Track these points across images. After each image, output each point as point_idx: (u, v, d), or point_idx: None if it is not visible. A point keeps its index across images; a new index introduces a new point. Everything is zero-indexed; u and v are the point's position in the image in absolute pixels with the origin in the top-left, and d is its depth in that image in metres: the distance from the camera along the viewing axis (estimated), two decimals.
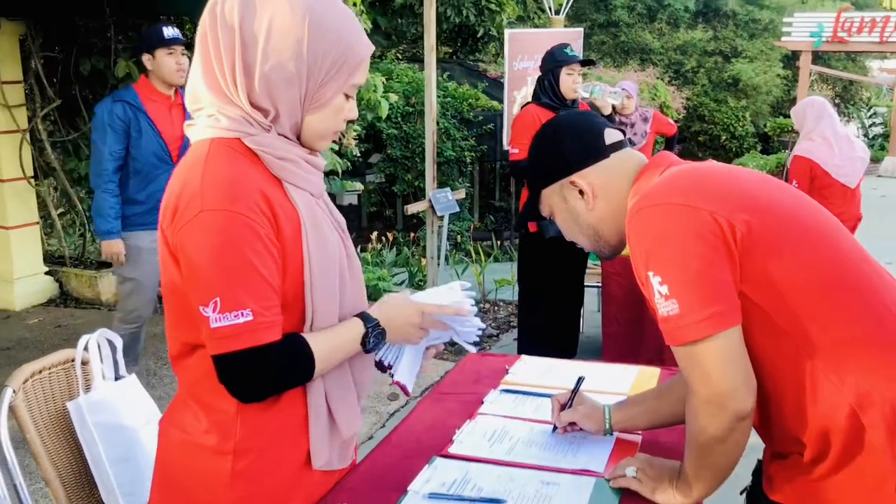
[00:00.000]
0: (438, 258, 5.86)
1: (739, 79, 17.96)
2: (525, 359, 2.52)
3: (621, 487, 1.65)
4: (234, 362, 1.37)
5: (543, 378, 2.35)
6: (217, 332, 1.35)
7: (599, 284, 5.46)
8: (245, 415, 1.46)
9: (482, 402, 2.15)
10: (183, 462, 1.50)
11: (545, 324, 4.69)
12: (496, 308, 6.51)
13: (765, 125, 17.27)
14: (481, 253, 7.32)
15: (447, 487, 1.69)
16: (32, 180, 6.18)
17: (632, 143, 5.76)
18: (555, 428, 1.93)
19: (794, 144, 5.22)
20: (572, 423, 1.92)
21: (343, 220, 1.63)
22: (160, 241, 1.45)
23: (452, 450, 1.87)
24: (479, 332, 1.71)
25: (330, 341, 1.48)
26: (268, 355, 1.38)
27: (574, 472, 1.74)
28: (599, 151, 1.60)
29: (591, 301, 5.90)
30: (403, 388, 1.73)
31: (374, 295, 5.15)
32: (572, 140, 1.63)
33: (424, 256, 5.81)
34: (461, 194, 6.42)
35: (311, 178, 1.53)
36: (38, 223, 6.39)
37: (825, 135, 4.78)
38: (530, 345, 4.75)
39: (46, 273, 6.47)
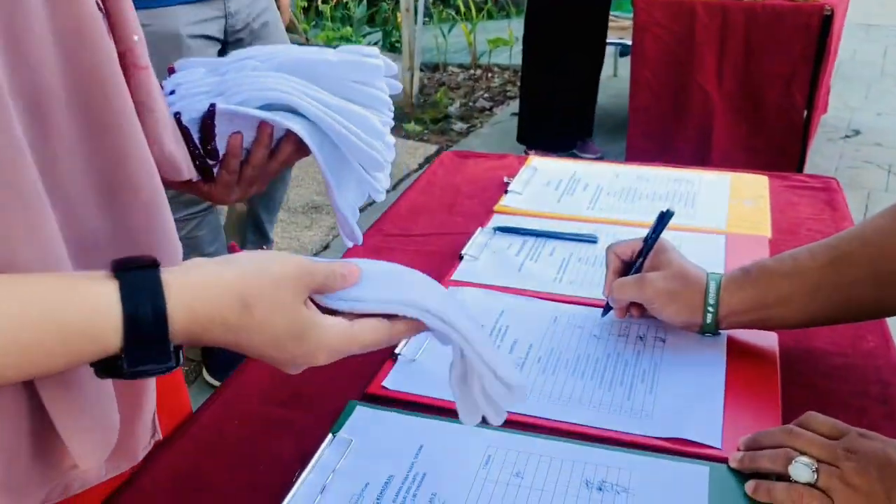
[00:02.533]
0: (416, 14, 4.64)
1: None
2: (536, 162, 1.49)
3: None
4: None
5: (572, 199, 1.34)
6: None
7: (622, 41, 4.31)
8: None
9: (459, 258, 1.15)
10: None
11: (554, 93, 3.62)
12: (490, 75, 5.46)
13: None
14: (472, 7, 6.03)
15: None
16: None
17: None
18: (606, 309, 0.98)
19: None
20: (637, 305, 0.95)
21: None
22: None
23: (389, 383, 0.89)
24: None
25: None
26: None
27: (644, 445, 0.77)
28: None
29: (607, 64, 4.76)
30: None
31: None
32: None
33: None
34: None
35: None
36: None
37: None
38: (533, 120, 3.73)
39: None
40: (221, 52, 2.06)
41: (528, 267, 1.12)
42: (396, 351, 0.91)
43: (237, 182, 0.83)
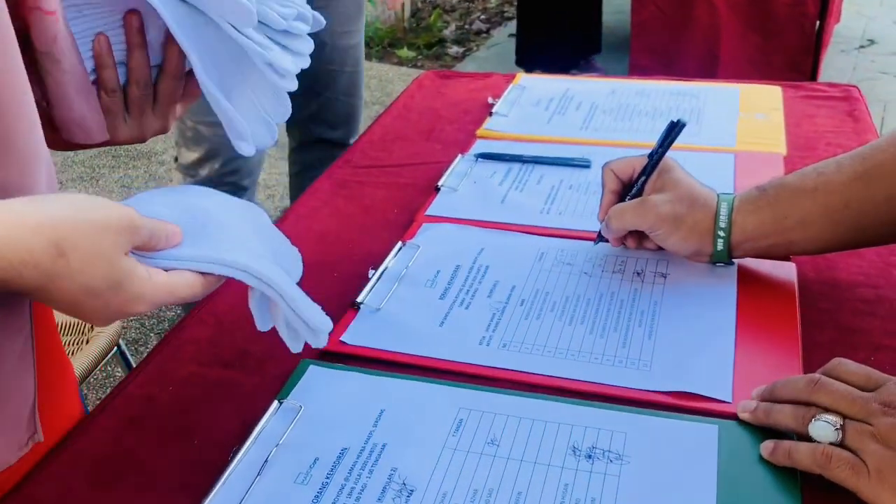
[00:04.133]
0: None
1: None
2: (525, 81, 1.35)
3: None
4: None
5: (563, 119, 1.20)
6: None
7: None
8: None
9: (436, 190, 1.02)
10: None
11: (553, 8, 3.43)
12: None
13: None
14: None
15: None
16: None
17: None
18: (599, 238, 0.87)
19: None
20: (637, 234, 0.83)
21: None
22: None
23: (348, 337, 0.77)
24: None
25: None
26: None
27: (642, 401, 0.66)
28: None
29: None
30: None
31: None
32: None
33: None
34: None
35: None
36: None
37: None
38: (533, 39, 3.55)
39: None
40: None
41: (513, 197, 0.99)
42: (358, 299, 0.79)
43: (126, 110, 0.69)
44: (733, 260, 0.81)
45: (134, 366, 1.15)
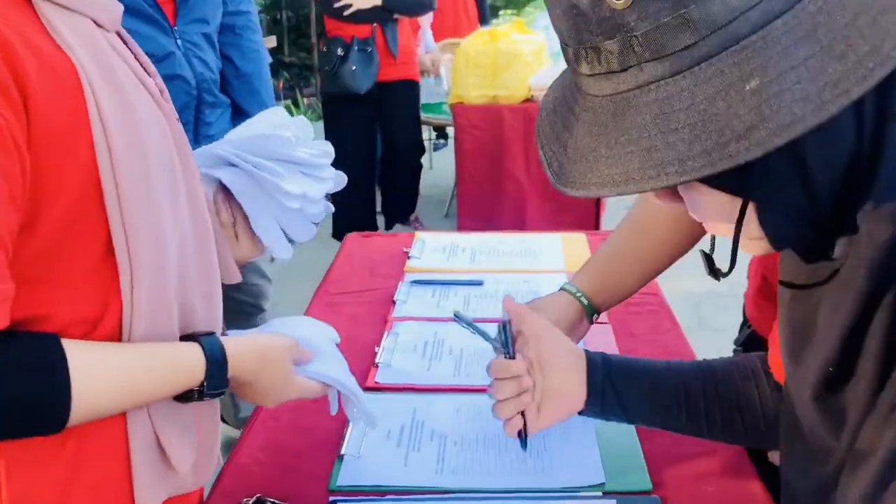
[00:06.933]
0: None
1: None
2: (423, 236, 2.00)
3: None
4: None
5: (456, 259, 1.85)
6: None
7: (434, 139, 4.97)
8: (17, 466, 0.75)
9: (393, 303, 1.62)
10: None
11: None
12: None
13: None
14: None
15: (397, 443, 1.18)
16: None
17: None
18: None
19: None
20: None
21: (166, 90, 0.89)
22: None
23: (381, 378, 1.35)
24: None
25: (113, 362, 0.77)
26: None
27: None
28: None
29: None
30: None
31: None
32: None
33: None
34: None
35: None
36: None
37: None
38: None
39: None
40: None
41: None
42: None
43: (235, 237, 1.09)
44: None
45: None
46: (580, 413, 1.00)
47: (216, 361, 0.84)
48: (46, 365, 0.71)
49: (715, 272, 0.75)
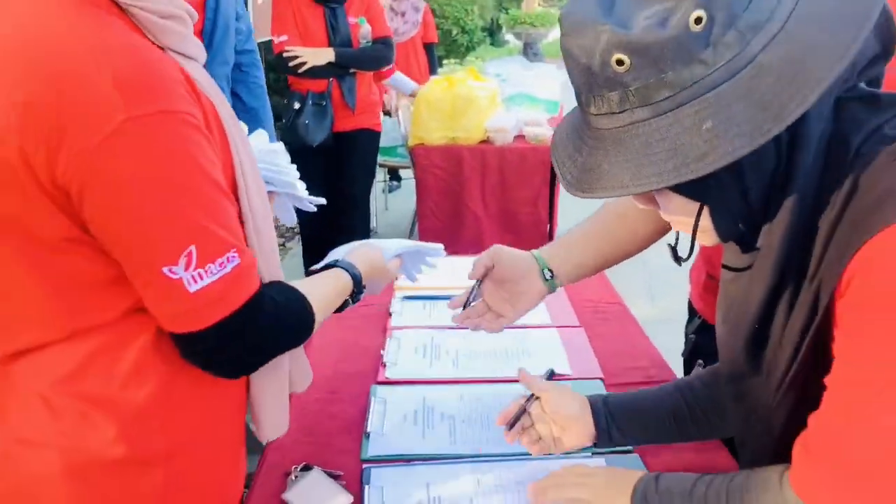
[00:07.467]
0: None
1: None
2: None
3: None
4: (224, 332, 0.95)
5: (440, 278, 2.07)
6: (201, 297, 0.92)
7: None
8: (168, 402, 1.00)
9: (389, 315, 1.84)
10: (73, 490, 0.96)
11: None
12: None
13: (492, 19, 17.65)
14: None
15: (413, 422, 1.39)
16: None
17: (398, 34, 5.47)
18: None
19: None
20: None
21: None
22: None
23: (390, 374, 1.56)
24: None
25: (318, 290, 1.15)
26: (262, 307, 1.00)
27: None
28: None
29: (381, 199, 5.65)
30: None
31: None
32: None
33: None
34: None
35: (195, 39, 1.07)
36: None
37: None
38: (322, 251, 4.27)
39: None
40: None
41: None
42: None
43: None
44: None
45: None
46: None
47: (356, 278, 1.24)
48: (299, 297, 1.08)
49: (678, 259, 1.00)
